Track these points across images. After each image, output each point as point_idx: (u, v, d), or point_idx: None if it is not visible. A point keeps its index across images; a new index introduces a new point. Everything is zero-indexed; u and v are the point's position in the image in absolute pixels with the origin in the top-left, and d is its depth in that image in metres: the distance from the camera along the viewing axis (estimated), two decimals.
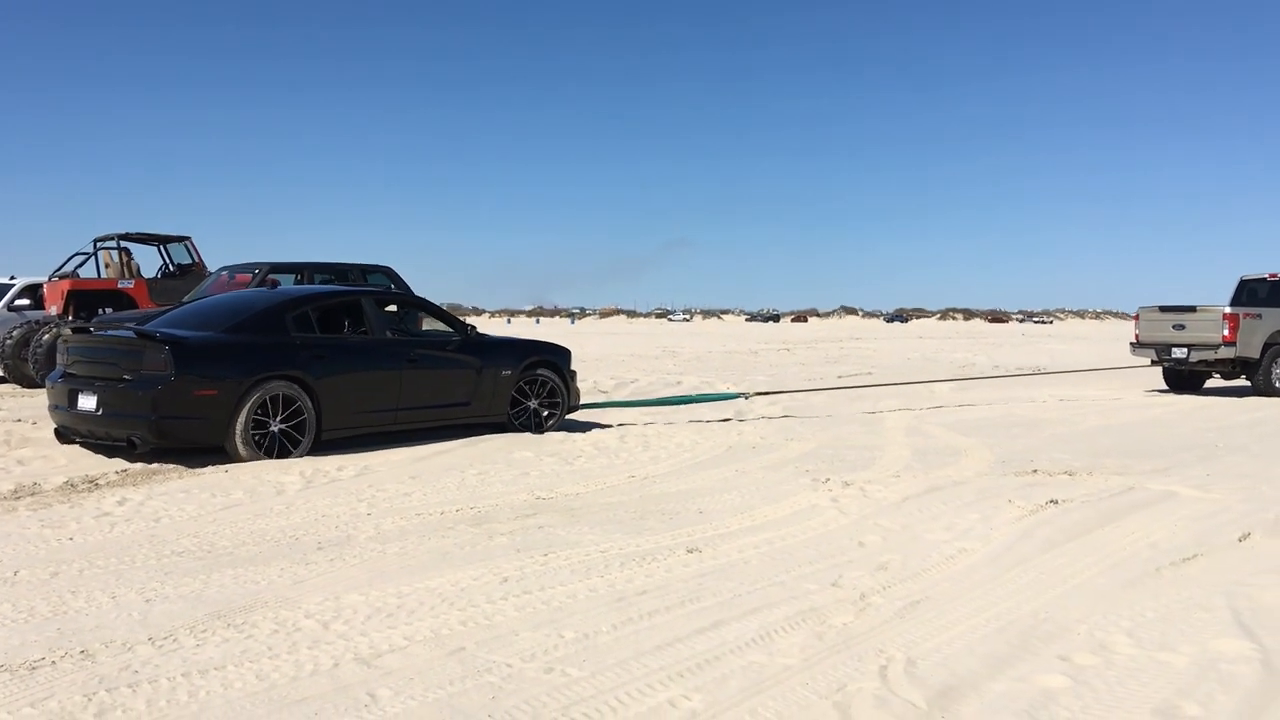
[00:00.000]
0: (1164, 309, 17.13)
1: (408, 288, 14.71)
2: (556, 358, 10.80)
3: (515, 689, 3.48)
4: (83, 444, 8.89)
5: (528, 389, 10.45)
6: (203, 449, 8.36)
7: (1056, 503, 6.64)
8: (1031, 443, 10.42)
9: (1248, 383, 16.83)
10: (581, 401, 11.61)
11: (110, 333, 8.92)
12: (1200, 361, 16.63)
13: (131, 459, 8.25)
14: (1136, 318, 17.69)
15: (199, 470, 7.92)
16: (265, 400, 8.32)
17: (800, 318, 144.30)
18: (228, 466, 8.07)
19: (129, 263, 16.82)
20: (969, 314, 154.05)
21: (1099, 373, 21.55)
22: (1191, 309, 16.76)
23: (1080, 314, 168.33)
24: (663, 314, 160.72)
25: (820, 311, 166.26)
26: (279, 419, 8.42)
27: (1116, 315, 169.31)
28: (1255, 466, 8.71)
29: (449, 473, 7.97)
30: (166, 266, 17.26)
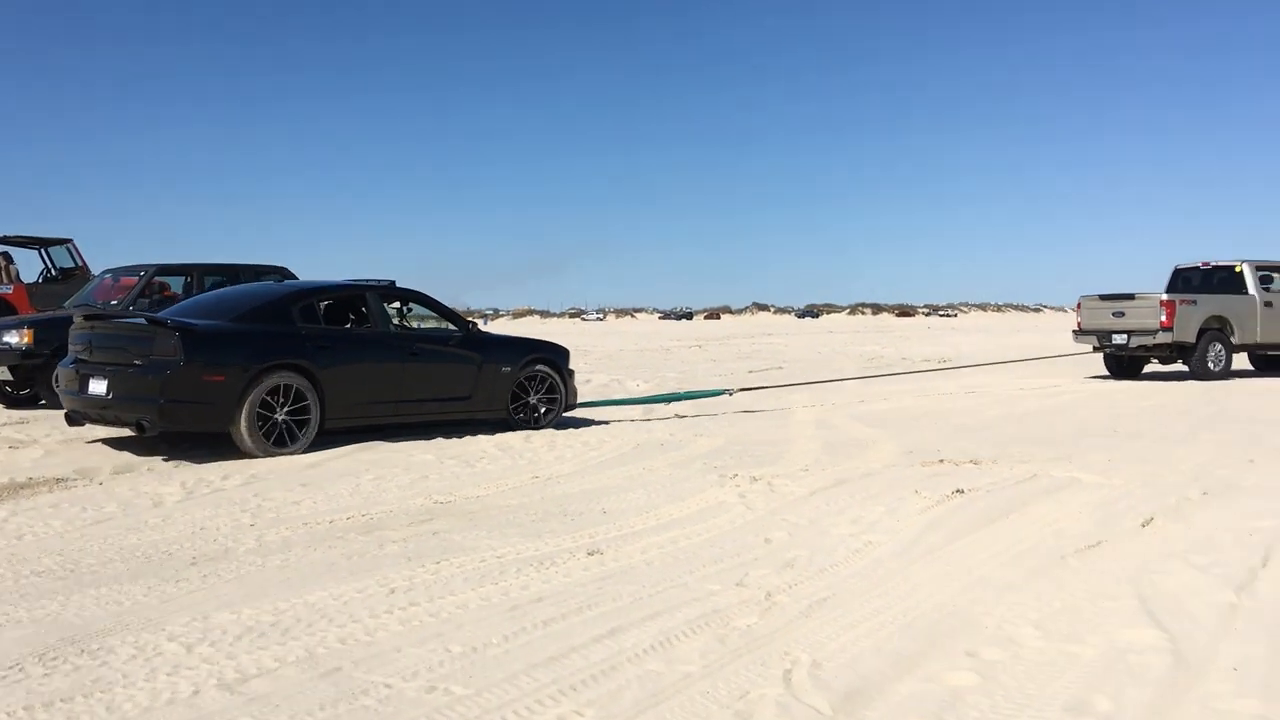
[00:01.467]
0: (1104, 297, 17.65)
1: None
2: (555, 356, 10.99)
3: (392, 712, 3.21)
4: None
5: (528, 385, 10.63)
6: (209, 434, 8.70)
7: (962, 492, 6.57)
8: (938, 433, 10.43)
9: (1185, 367, 17.46)
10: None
11: (119, 320, 9.23)
12: (1140, 347, 17.21)
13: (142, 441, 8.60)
14: (1079, 306, 18.21)
15: (71, 484, 7.46)
16: (271, 389, 8.56)
17: (713, 315, 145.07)
18: (103, 479, 7.62)
19: (8, 267, 16.03)
20: (878, 308, 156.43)
21: (1003, 364, 21.88)
22: (1130, 296, 17.30)
23: (983, 307, 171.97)
24: (577, 313, 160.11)
25: (733, 308, 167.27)
26: (284, 408, 8.64)
27: (1017, 308, 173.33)
28: (1155, 452, 8.80)
29: (342, 479, 7.62)
30: (48, 270, 16.48)
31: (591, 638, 3.91)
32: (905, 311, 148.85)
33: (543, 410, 10.73)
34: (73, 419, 9.05)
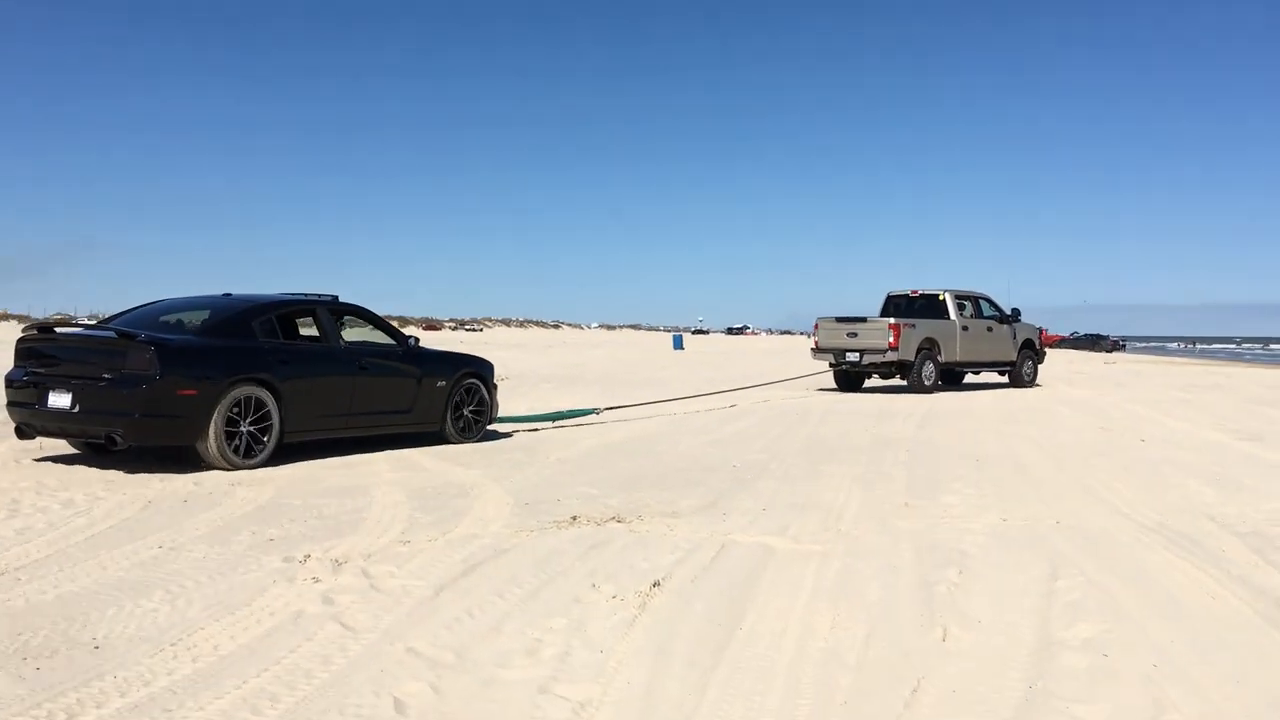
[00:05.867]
0: (840, 319, 19.60)
1: None
2: (483, 369, 11.18)
3: None
4: None
5: (462, 398, 10.76)
6: (177, 447, 8.53)
7: (660, 585, 4.67)
8: (541, 472, 8.66)
9: (903, 381, 19.42)
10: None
11: (83, 332, 9.15)
12: (870, 364, 19.14)
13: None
14: (816, 327, 19.98)
15: None
16: (236, 402, 8.49)
17: None
18: None
19: None
20: (404, 320, 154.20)
21: (560, 380, 20.83)
22: (863, 320, 19.33)
23: (506, 322, 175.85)
24: (64, 320, 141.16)
25: None
26: (248, 421, 8.58)
27: (538, 324, 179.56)
28: (797, 494, 7.59)
29: None
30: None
31: None
32: (432, 325, 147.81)
33: (474, 422, 10.89)
34: (24, 432, 8.72)
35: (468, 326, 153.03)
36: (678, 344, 59.75)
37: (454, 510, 6.76)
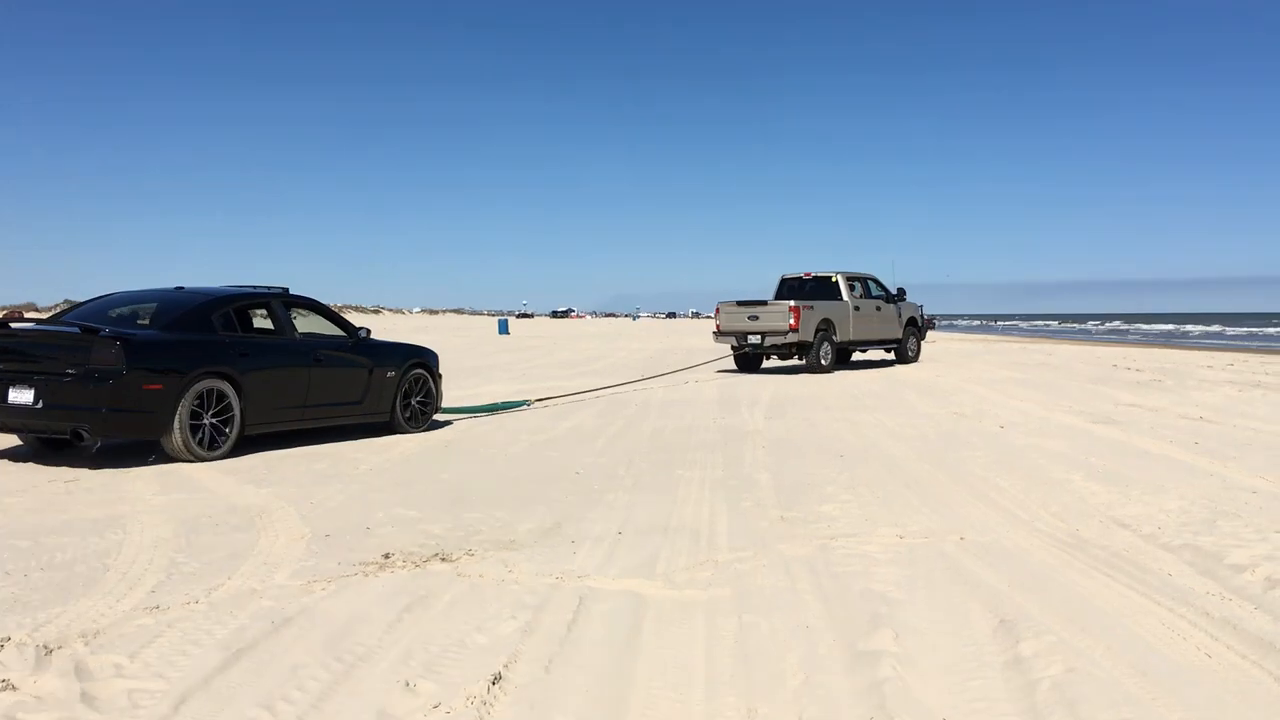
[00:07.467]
0: (740, 303, 19.99)
1: None
2: (429, 360, 11.17)
3: None
4: None
5: (410, 388, 10.78)
6: (142, 441, 8.45)
7: (501, 681, 3.35)
8: (349, 487, 7.28)
9: (801, 361, 20.06)
10: None
11: (43, 328, 8.92)
12: (772, 345, 19.60)
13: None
14: (717, 311, 20.40)
15: None
16: (200, 395, 8.48)
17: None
18: None
19: None
20: None
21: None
22: (763, 303, 19.78)
23: None
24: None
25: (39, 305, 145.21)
26: (211, 413, 8.58)
27: (355, 308, 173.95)
28: (655, 510, 6.46)
29: None
30: None
31: None
32: None
33: (420, 412, 10.91)
34: None
35: None
36: (503, 329, 58.16)
37: (230, 551, 5.30)
